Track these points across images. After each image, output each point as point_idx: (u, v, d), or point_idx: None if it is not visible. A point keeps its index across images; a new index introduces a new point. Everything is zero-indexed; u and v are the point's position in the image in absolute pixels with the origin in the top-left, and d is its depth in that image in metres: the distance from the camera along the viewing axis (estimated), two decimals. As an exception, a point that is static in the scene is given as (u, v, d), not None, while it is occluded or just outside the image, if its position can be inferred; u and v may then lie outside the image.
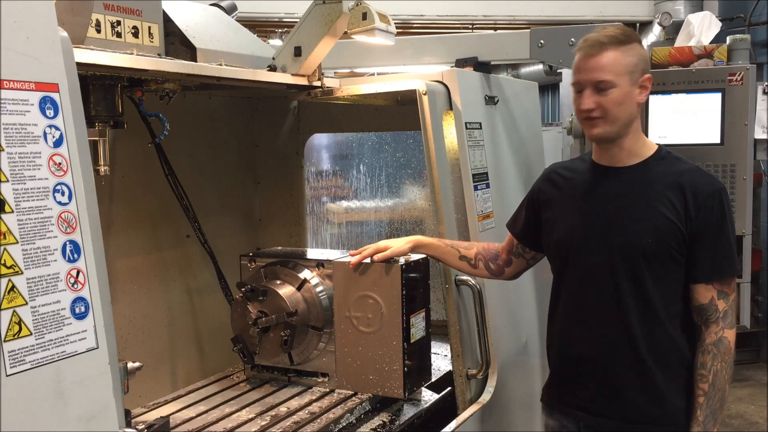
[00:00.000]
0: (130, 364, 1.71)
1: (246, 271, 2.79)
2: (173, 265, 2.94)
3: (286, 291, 2.61)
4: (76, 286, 1.42)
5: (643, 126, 3.56)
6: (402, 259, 2.47)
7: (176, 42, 2.31)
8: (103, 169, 2.11)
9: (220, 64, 2.31)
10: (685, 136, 3.59)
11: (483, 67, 3.06)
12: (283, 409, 2.50)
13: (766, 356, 6.62)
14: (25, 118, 1.36)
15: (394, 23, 2.57)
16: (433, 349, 2.71)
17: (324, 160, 3.72)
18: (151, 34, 2.11)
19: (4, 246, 1.29)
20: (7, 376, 1.27)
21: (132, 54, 1.96)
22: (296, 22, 2.53)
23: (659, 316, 2.10)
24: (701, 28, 4.16)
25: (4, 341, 1.28)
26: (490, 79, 3.02)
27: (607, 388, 2.17)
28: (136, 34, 2.06)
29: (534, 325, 3.17)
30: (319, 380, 2.68)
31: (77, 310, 1.42)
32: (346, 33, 2.49)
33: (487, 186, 2.86)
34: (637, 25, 7.49)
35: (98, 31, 1.94)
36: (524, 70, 9.61)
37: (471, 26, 7.63)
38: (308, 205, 3.64)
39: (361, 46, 3.03)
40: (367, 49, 3.17)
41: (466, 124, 2.74)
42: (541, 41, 3.01)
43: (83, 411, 1.40)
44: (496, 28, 7.60)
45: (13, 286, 1.30)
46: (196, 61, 2.29)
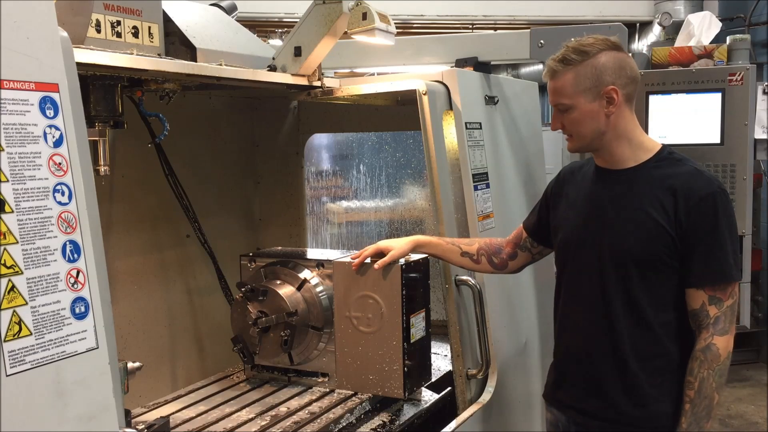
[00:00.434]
0: (130, 364, 1.71)
1: (246, 271, 2.79)
2: (173, 265, 2.94)
3: (286, 291, 2.61)
4: (76, 286, 1.42)
5: (644, 126, 3.56)
6: (402, 259, 2.47)
7: (176, 42, 2.31)
8: (103, 169, 2.12)
9: (220, 64, 2.31)
10: (685, 136, 3.59)
11: (483, 67, 3.06)
12: (283, 409, 2.50)
13: (766, 356, 6.62)
14: (25, 118, 1.36)
15: (394, 23, 2.57)
16: (433, 349, 2.71)
17: (324, 160, 3.72)
18: (151, 34, 2.11)
19: (4, 246, 1.29)
20: (7, 376, 1.27)
21: (132, 54, 1.96)
22: (296, 22, 2.53)
23: (647, 320, 2.08)
24: (701, 28, 4.16)
25: (4, 341, 1.28)
26: (490, 79, 3.02)
27: (592, 388, 2.18)
28: (136, 34, 2.06)
29: (534, 325, 3.17)
30: (319, 380, 2.68)
31: (77, 310, 1.42)
32: (346, 33, 2.49)
33: (487, 186, 2.86)
34: (637, 25, 7.50)
35: (98, 31, 1.94)
36: (524, 70, 9.60)
37: (471, 26, 7.63)
38: (308, 205, 3.64)
39: (361, 46, 3.03)
40: (367, 49, 3.17)
41: (466, 124, 2.74)
42: (541, 41, 3.01)
43: (83, 411, 1.40)
44: (496, 28, 7.60)
45: (13, 286, 1.30)
46: (196, 61, 2.30)
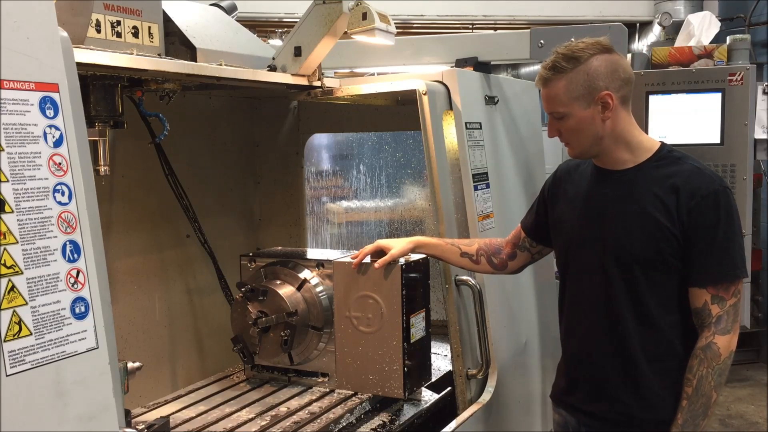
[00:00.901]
0: (130, 364, 1.71)
1: (246, 271, 2.79)
2: (173, 265, 2.94)
3: (286, 291, 2.61)
4: (76, 286, 1.42)
5: (644, 126, 3.56)
6: (402, 259, 2.47)
7: (176, 42, 2.31)
8: (103, 169, 2.12)
9: (220, 64, 2.31)
10: (685, 136, 3.59)
11: (483, 67, 3.06)
12: (283, 409, 2.50)
13: (766, 356, 6.62)
14: (25, 118, 1.36)
15: (394, 23, 2.57)
16: (433, 349, 2.71)
17: (324, 160, 3.72)
18: (151, 34, 2.11)
19: (4, 246, 1.29)
20: (7, 376, 1.27)
21: (132, 54, 1.96)
22: (296, 22, 2.53)
23: (655, 321, 2.07)
24: (701, 28, 4.17)
25: (4, 341, 1.28)
26: (490, 79, 3.02)
27: (602, 391, 2.16)
28: (136, 34, 2.06)
29: (534, 325, 3.17)
30: (319, 380, 2.68)
31: (77, 310, 1.42)
32: (346, 33, 2.49)
33: (487, 186, 2.86)
34: (637, 25, 7.49)
35: (98, 31, 1.94)
36: (524, 70, 9.60)
37: (471, 26, 7.62)
38: (308, 205, 3.64)
39: (361, 46, 3.03)
40: (367, 49, 3.17)
41: (466, 124, 2.74)
42: (541, 41, 3.00)
43: (83, 411, 1.40)
44: (496, 28, 7.60)
45: (13, 286, 1.30)
46: (196, 61, 2.30)
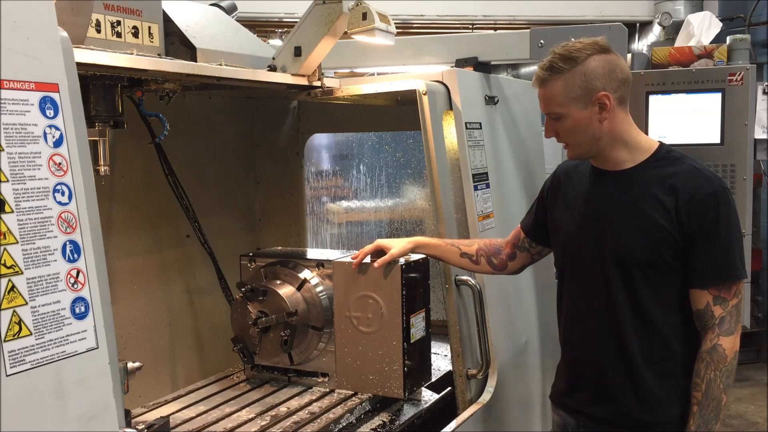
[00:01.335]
0: (130, 364, 1.71)
1: (246, 271, 2.79)
2: (173, 265, 2.94)
3: (286, 291, 2.61)
4: (76, 286, 1.42)
5: (644, 126, 3.56)
6: (402, 259, 2.47)
7: (176, 42, 2.31)
8: (103, 169, 2.12)
9: (220, 64, 2.31)
10: (685, 136, 3.59)
11: (483, 67, 3.06)
12: (283, 409, 2.50)
13: (766, 356, 6.62)
14: (25, 118, 1.36)
15: (394, 23, 2.57)
16: (433, 349, 2.71)
17: (324, 160, 3.72)
18: (151, 34, 2.11)
19: (4, 246, 1.29)
20: (7, 376, 1.27)
21: (132, 54, 1.96)
22: (296, 22, 2.53)
23: (655, 323, 2.06)
24: (701, 28, 4.16)
25: (4, 341, 1.28)
26: (490, 79, 3.02)
27: (602, 393, 2.16)
28: (136, 34, 2.06)
29: (534, 325, 3.17)
30: (319, 380, 2.68)
31: (77, 310, 1.42)
32: (346, 33, 2.49)
33: (487, 186, 2.86)
34: (637, 25, 7.49)
35: (98, 31, 1.94)
36: (524, 70, 9.60)
37: (471, 26, 7.62)
38: (308, 205, 3.64)
39: (361, 46, 3.03)
40: (367, 49, 3.17)
41: (466, 124, 2.74)
42: (541, 41, 3.00)
43: (83, 411, 1.40)
44: (496, 28, 7.60)
45: (13, 286, 1.30)
46: (196, 61, 2.30)
